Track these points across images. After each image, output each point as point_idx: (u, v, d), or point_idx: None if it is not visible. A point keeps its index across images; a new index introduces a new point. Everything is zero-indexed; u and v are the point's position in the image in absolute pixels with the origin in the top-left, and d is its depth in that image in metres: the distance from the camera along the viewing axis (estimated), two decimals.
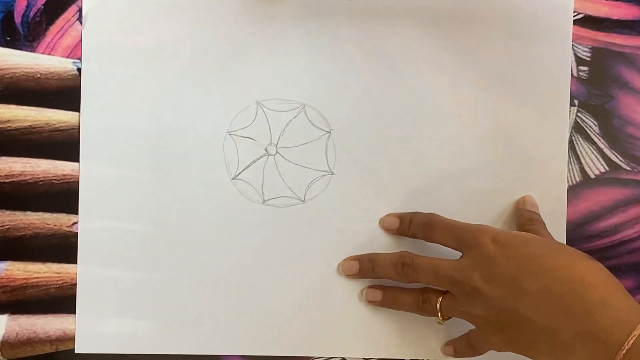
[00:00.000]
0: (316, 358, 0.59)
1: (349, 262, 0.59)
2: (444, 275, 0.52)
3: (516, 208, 0.59)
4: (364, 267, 0.58)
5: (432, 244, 0.56)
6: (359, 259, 0.58)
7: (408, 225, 0.57)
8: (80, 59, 0.58)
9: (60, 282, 0.58)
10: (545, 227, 0.57)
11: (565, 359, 0.46)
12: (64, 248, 0.58)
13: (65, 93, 0.58)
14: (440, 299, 0.54)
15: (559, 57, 0.59)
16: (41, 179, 0.58)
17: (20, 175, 0.58)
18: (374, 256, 0.58)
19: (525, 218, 0.57)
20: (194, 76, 0.58)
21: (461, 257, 0.53)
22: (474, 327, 0.54)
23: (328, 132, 0.59)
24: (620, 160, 0.60)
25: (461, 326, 0.59)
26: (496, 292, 0.49)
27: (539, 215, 0.58)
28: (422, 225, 0.56)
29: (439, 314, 0.54)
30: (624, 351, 0.43)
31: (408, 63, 0.59)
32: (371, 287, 0.59)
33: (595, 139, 0.60)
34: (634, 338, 0.43)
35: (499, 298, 0.49)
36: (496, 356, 0.54)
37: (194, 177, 0.58)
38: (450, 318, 0.55)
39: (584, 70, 0.60)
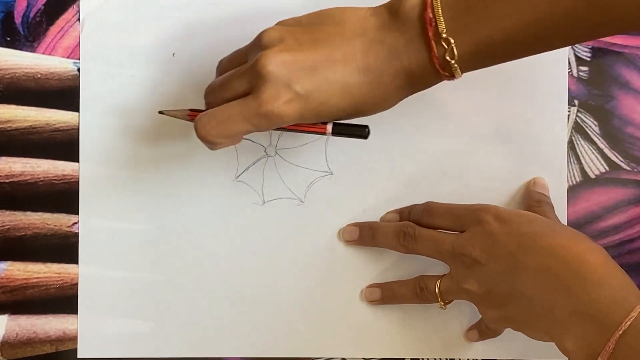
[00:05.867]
0: (316, 358, 0.59)
1: (350, 228, 0.59)
2: (445, 248, 0.52)
3: (526, 189, 0.59)
4: (364, 234, 0.58)
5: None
6: (359, 225, 0.58)
7: (407, 218, 0.57)
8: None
9: (60, 282, 0.58)
10: (553, 210, 0.57)
11: (561, 336, 0.46)
12: (64, 248, 0.58)
13: (65, 93, 0.58)
14: (438, 283, 0.54)
15: (556, 57, 0.59)
16: (41, 179, 0.58)
17: (20, 175, 0.58)
18: (376, 224, 0.58)
19: (533, 200, 0.57)
20: (192, 78, 0.58)
21: (463, 232, 0.52)
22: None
23: None
24: (620, 160, 0.60)
25: (460, 324, 0.59)
26: (495, 266, 0.49)
27: (549, 197, 0.58)
28: (421, 213, 0.56)
29: (439, 298, 0.54)
30: (621, 332, 0.43)
31: None
32: (369, 286, 0.59)
33: (595, 139, 0.60)
34: (631, 319, 0.43)
35: (497, 273, 0.49)
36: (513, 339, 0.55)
37: (194, 179, 0.58)
38: (451, 302, 0.55)
39: (584, 70, 0.60)
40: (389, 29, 0.47)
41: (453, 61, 0.46)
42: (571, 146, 0.60)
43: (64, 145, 0.58)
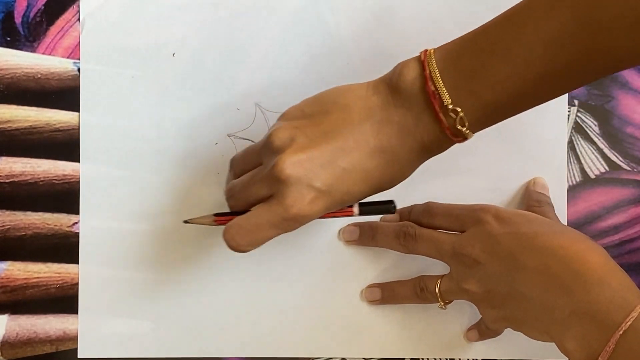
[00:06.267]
0: (316, 358, 0.59)
1: (350, 228, 0.59)
2: (445, 248, 0.52)
3: (526, 189, 0.59)
4: (364, 234, 0.58)
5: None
6: (359, 225, 0.59)
7: (407, 218, 0.57)
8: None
9: (60, 282, 0.58)
10: (553, 210, 0.57)
11: (561, 336, 0.46)
12: (64, 248, 0.58)
13: (65, 93, 0.58)
14: (438, 283, 0.54)
15: None
16: (42, 179, 0.58)
17: (20, 175, 0.58)
18: (376, 224, 0.58)
19: (533, 199, 0.58)
20: (192, 78, 0.58)
21: (463, 232, 0.52)
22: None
23: None
24: (620, 160, 0.60)
25: (460, 324, 0.59)
26: (495, 266, 0.49)
27: (548, 197, 0.58)
28: (421, 213, 0.56)
29: (439, 298, 0.54)
30: (621, 332, 0.43)
31: None
32: (369, 286, 0.59)
33: (595, 139, 0.60)
34: (631, 319, 0.43)
35: (497, 273, 0.49)
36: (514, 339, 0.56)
37: (194, 179, 0.58)
38: (451, 302, 0.55)
39: None
40: (394, 107, 0.47)
41: (464, 128, 0.46)
42: (571, 146, 0.60)
43: (64, 145, 0.58)
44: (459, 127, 0.46)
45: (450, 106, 0.45)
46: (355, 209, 0.50)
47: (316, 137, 0.46)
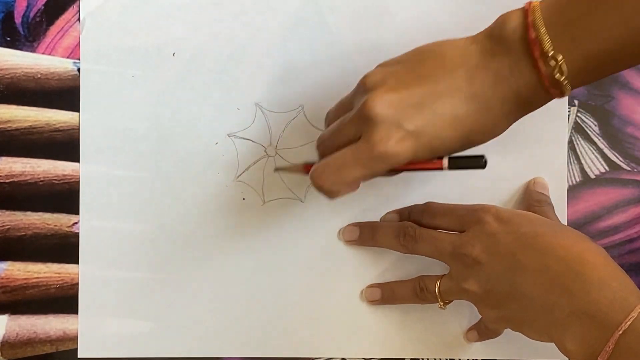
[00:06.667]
0: (316, 358, 0.59)
1: (350, 228, 0.59)
2: (445, 248, 0.52)
3: (526, 189, 0.59)
4: (364, 234, 0.58)
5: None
6: (359, 225, 0.59)
7: (407, 218, 0.57)
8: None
9: (60, 282, 0.58)
10: (553, 210, 0.57)
11: (561, 336, 0.46)
12: (64, 248, 0.58)
13: (65, 93, 0.58)
14: (438, 283, 0.54)
15: None
16: (41, 179, 0.58)
17: (20, 175, 0.58)
18: (376, 224, 0.58)
19: (533, 199, 0.58)
20: (192, 78, 0.59)
21: (463, 232, 0.52)
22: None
23: None
24: (620, 160, 0.60)
25: (460, 325, 0.59)
26: (495, 266, 0.49)
27: (549, 197, 0.58)
28: (421, 213, 0.56)
29: (439, 298, 0.54)
30: (621, 332, 0.43)
31: None
32: (369, 286, 0.59)
33: (595, 139, 0.60)
34: (631, 319, 0.43)
35: (497, 273, 0.49)
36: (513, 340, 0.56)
37: (194, 179, 0.58)
38: (450, 302, 0.55)
39: None
40: (492, 54, 0.46)
41: (563, 78, 0.45)
42: (571, 146, 0.60)
43: (64, 145, 0.58)
44: (557, 76, 0.45)
45: (551, 53, 0.44)
46: (445, 161, 0.49)
47: (408, 80, 0.46)
